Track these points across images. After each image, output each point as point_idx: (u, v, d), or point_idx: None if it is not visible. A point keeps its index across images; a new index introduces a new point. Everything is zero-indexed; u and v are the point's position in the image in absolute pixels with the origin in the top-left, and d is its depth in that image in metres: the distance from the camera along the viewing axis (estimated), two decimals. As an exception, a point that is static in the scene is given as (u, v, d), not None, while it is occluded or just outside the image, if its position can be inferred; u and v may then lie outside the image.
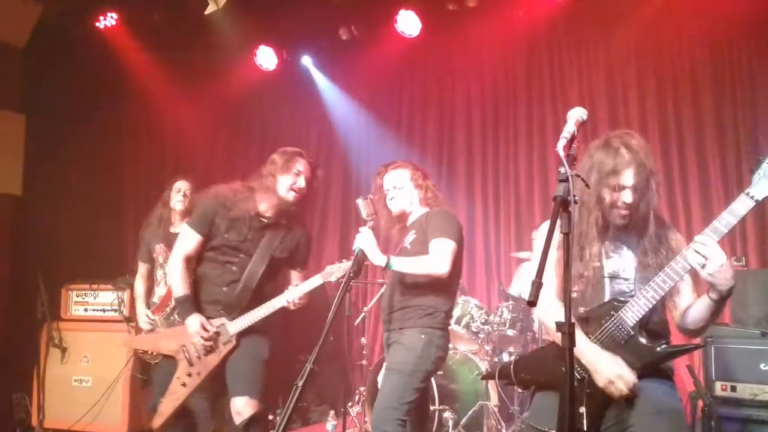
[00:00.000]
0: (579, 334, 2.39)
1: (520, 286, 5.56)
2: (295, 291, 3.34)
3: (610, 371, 2.26)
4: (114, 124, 7.27)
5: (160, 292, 4.67)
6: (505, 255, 6.17)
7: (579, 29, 6.04)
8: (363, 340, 5.77)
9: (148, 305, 4.70)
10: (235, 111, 7.23)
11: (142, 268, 4.82)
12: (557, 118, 5.98)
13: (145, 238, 4.82)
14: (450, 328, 4.79)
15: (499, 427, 4.55)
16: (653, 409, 2.28)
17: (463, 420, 4.51)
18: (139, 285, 4.79)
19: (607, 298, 2.43)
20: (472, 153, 6.49)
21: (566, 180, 1.95)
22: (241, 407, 3.28)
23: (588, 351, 2.33)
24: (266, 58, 6.71)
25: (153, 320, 4.54)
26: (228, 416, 3.42)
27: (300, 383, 2.60)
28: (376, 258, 3.07)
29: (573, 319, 1.98)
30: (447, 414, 4.46)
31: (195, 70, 6.85)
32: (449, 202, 3.66)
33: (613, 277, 2.45)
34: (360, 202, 3.19)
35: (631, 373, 2.27)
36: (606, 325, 2.35)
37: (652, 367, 2.33)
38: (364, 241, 3.08)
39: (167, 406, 3.43)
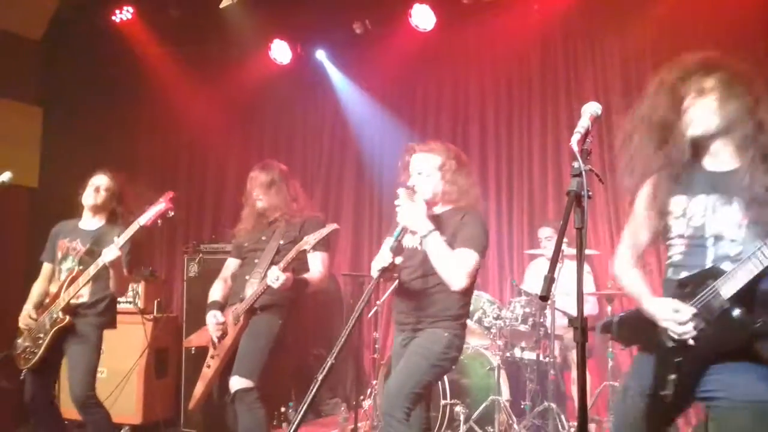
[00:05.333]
0: (645, 294, 2.30)
1: (532, 280, 5.55)
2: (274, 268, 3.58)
3: (661, 317, 2.19)
4: (129, 118, 7.32)
5: (51, 289, 4.04)
6: (518, 250, 6.16)
7: (594, 23, 6.00)
8: (375, 334, 5.79)
9: (40, 305, 4.04)
10: (250, 105, 7.25)
11: (46, 268, 4.18)
12: (572, 113, 5.95)
13: (52, 235, 4.23)
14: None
15: (510, 421, 4.56)
16: (739, 400, 2.09)
17: (475, 414, 4.51)
18: (37, 286, 4.15)
19: (709, 263, 2.20)
20: (485, 148, 6.47)
21: (580, 175, 1.94)
22: (232, 383, 3.65)
23: (648, 306, 2.24)
24: (280, 52, 6.73)
25: (33, 320, 3.94)
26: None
27: (320, 377, 2.59)
28: (419, 225, 2.98)
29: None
30: (458, 408, 4.47)
31: (210, 64, 6.87)
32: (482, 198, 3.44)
33: (718, 237, 2.20)
34: (401, 191, 3.14)
35: (685, 310, 2.14)
36: (701, 294, 2.15)
37: (746, 346, 2.07)
38: (407, 209, 3.00)
39: (199, 388, 3.88)
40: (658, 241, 2.41)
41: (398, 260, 2.98)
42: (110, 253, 3.68)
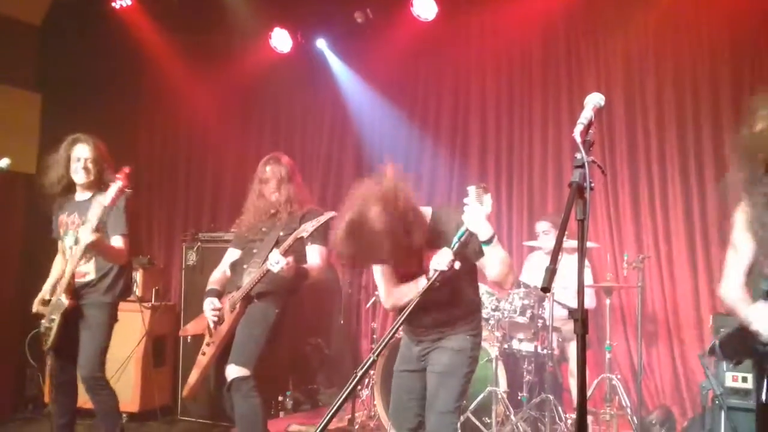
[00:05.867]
0: (744, 307, 2.52)
1: (530, 272, 5.55)
2: (276, 251, 3.56)
3: (749, 320, 2.42)
4: (128, 105, 7.29)
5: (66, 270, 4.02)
6: (517, 242, 6.15)
7: (597, 15, 5.97)
8: (373, 324, 5.79)
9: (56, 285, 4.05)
10: (249, 93, 7.22)
11: (60, 245, 4.21)
12: (573, 106, 5.93)
13: (55, 210, 4.21)
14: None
15: (508, 412, 4.56)
16: None
17: (472, 405, 4.52)
18: (56, 264, 4.21)
19: None
20: (485, 139, 6.45)
21: (582, 166, 1.93)
22: (228, 371, 3.67)
23: (743, 313, 2.47)
24: (281, 40, 6.70)
25: (47, 301, 4.01)
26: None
27: (360, 372, 2.48)
28: (485, 229, 2.88)
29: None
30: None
31: (210, 52, 6.83)
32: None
33: None
34: (472, 189, 3.03)
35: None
36: None
37: None
38: (474, 211, 2.90)
39: (194, 376, 3.89)
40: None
41: (457, 265, 2.78)
42: (86, 236, 3.65)
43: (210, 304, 3.86)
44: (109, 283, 4.00)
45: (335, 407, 2.37)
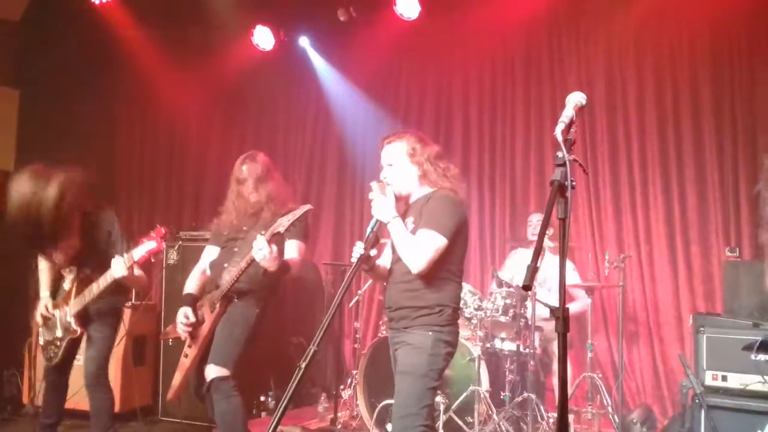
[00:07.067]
0: None
1: (513, 270, 5.55)
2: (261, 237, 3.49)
3: None
4: (108, 102, 7.22)
5: (64, 286, 4.02)
6: (500, 241, 6.17)
7: (579, 13, 6.01)
8: (356, 324, 5.78)
9: (56, 293, 4.04)
10: (231, 91, 7.17)
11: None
12: (555, 104, 5.95)
13: None
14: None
15: (490, 412, 4.57)
16: None
17: (455, 405, 4.52)
18: (45, 267, 4.12)
19: None
20: (468, 137, 6.46)
21: (564, 165, 1.93)
22: (207, 372, 3.63)
23: None
24: (263, 38, 6.65)
25: (51, 315, 3.97)
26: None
27: (303, 364, 2.54)
28: (384, 213, 2.98)
29: None
30: (438, 398, 4.46)
31: (191, 49, 6.79)
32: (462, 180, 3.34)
33: None
34: (374, 185, 3.12)
35: None
36: None
37: None
38: (379, 200, 3.01)
39: (177, 378, 3.84)
40: None
41: (373, 252, 2.98)
42: (119, 269, 3.71)
43: (183, 318, 3.78)
44: (115, 294, 4.00)
45: (286, 399, 2.45)
